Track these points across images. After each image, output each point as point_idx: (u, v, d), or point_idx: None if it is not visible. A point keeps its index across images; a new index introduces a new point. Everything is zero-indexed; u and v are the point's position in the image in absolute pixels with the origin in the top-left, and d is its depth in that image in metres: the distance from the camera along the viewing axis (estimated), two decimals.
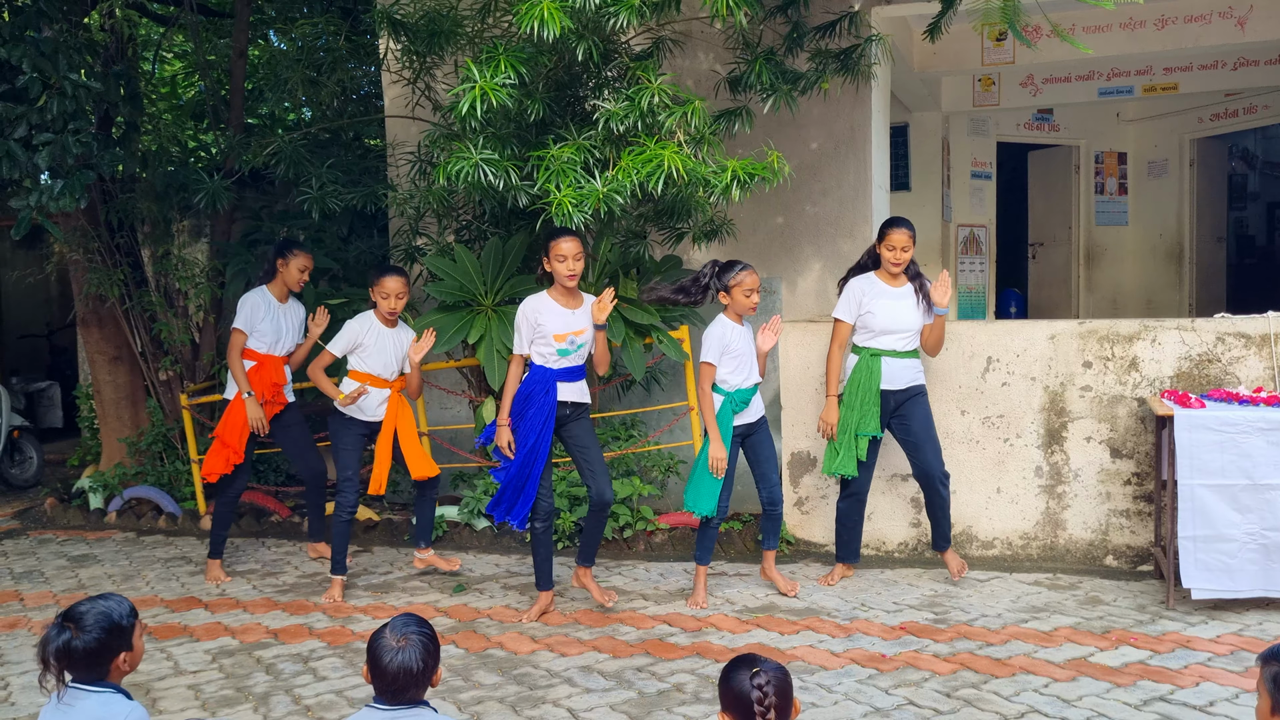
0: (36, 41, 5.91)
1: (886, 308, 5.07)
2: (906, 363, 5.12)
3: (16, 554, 6.43)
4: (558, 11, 4.66)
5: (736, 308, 4.92)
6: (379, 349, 5.35)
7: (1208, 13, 7.46)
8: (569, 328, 4.76)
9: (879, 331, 5.08)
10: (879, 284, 5.13)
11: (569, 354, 4.78)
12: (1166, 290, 10.73)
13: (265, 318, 5.69)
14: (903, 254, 5.03)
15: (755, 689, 2.26)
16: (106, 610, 2.54)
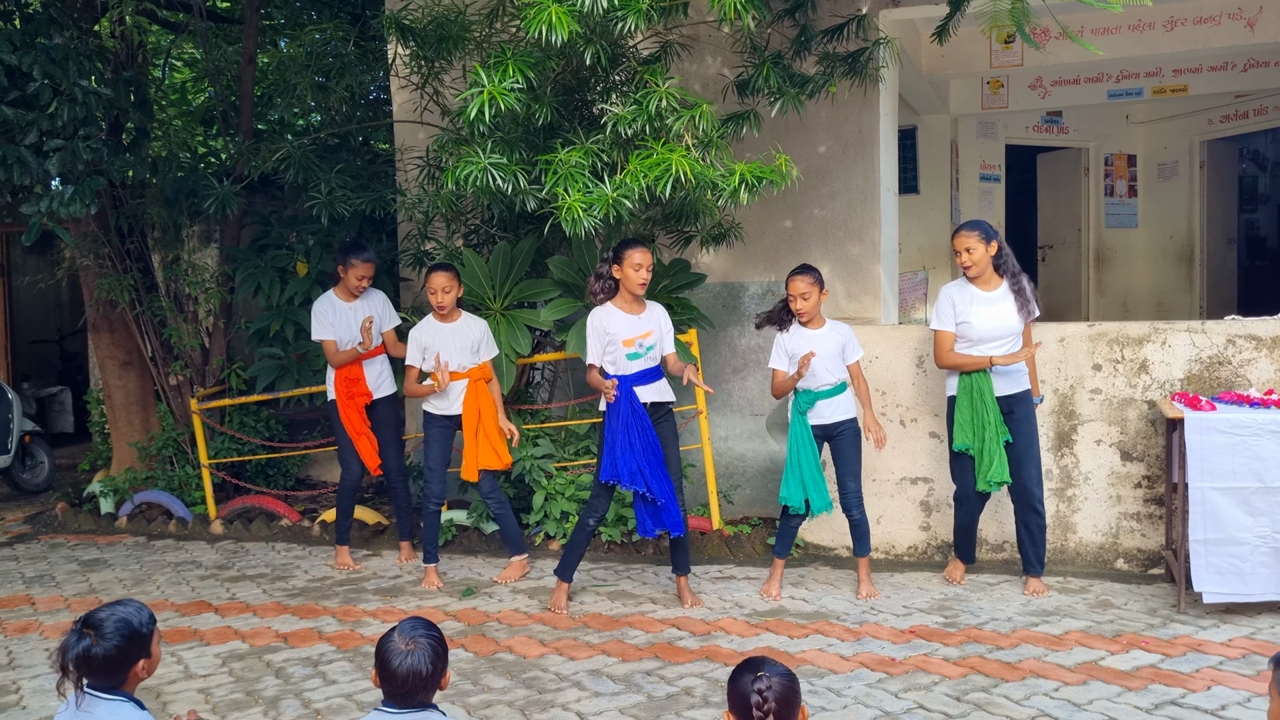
0: (47, 49, 5.94)
1: (982, 314, 4.97)
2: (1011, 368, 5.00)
3: (28, 558, 6.46)
4: (565, 16, 4.67)
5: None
6: (441, 346, 5.54)
7: (1217, 14, 7.43)
8: (636, 331, 4.96)
9: (976, 340, 4.99)
10: (972, 290, 5.04)
11: (639, 357, 4.96)
12: (1177, 293, 10.69)
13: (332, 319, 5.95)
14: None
15: (755, 693, 2.26)
16: (126, 617, 2.53)
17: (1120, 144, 10.98)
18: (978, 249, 4.95)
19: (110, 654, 2.48)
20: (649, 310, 5.07)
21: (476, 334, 5.60)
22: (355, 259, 5.89)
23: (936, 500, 5.73)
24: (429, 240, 6.59)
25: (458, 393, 5.57)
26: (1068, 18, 6.45)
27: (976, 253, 4.95)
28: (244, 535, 6.81)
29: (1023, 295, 4.98)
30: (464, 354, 5.54)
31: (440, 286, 5.49)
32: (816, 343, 5.03)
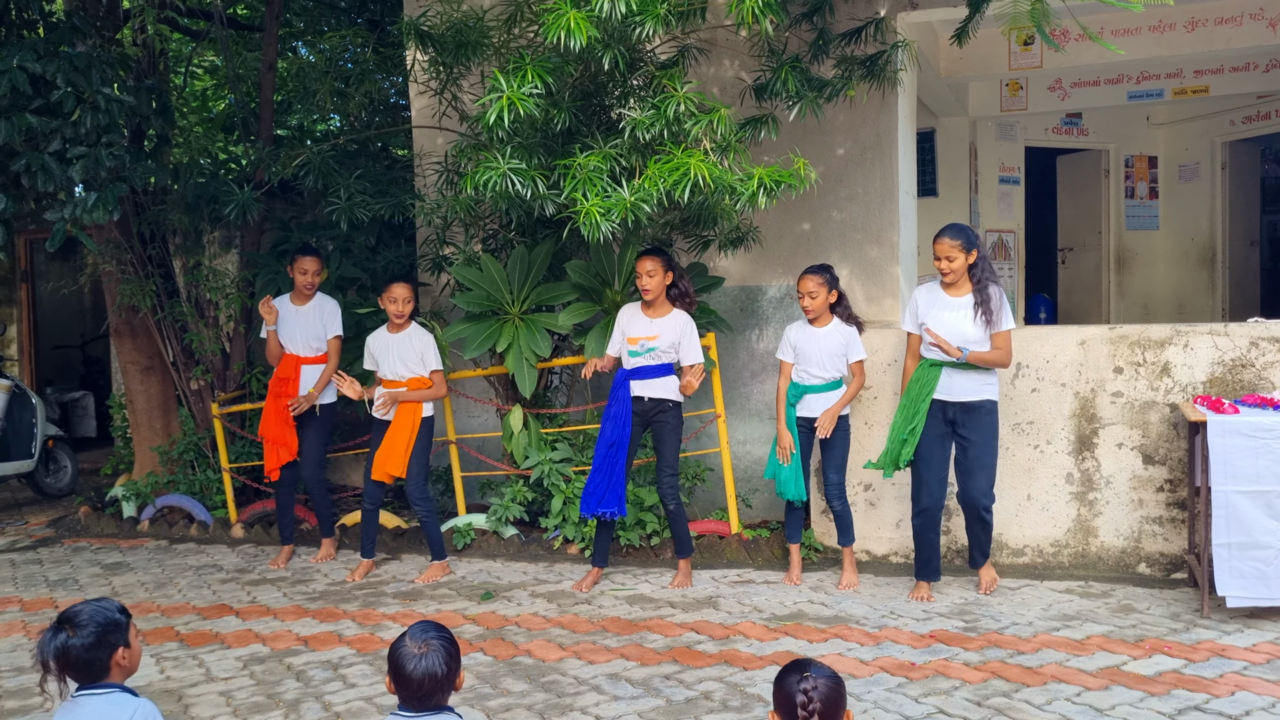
0: (70, 57, 6.00)
1: (939, 319, 5.00)
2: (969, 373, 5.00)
3: (51, 562, 6.51)
4: (584, 21, 4.68)
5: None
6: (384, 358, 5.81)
7: (1239, 14, 7.38)
8: (642, 333, 5.33)
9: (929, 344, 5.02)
10: (939, 294, 5.08)
11: (638, 355, 5.34)
12: (1199, 295, 10.61)
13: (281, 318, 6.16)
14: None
15: (800, 692, 2.27)
16: (100, 608, 2.58)
17: (1141, 145, 10.91)
18: (958, 259, 4.95)
19: (88, 643, 2.51)
20: (669, 318, 5.36)
21: (419, 348, 5.77)
22: (298, 254, 6.14)
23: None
24: (447, 245, 6.62)
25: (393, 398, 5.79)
26: (1088, 19, 6.42)
27: (956, 262, 4.96)
28: (264, 539, 6.85)
29: (985, 306, 4.92)
30: (401, 365, 5.75)
31: (401, 296, 5.73)
32: (818, 340, 5.29)
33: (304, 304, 6.14)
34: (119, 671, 2.57)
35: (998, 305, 4.94)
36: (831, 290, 5.30)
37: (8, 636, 5.03)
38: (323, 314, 6.15)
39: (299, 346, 6.12)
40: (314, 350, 6.13)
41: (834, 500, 5.37)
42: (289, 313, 6.13)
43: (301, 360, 6.11)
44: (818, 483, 5.96)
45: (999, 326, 4.93)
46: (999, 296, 4.96)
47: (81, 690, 2.54)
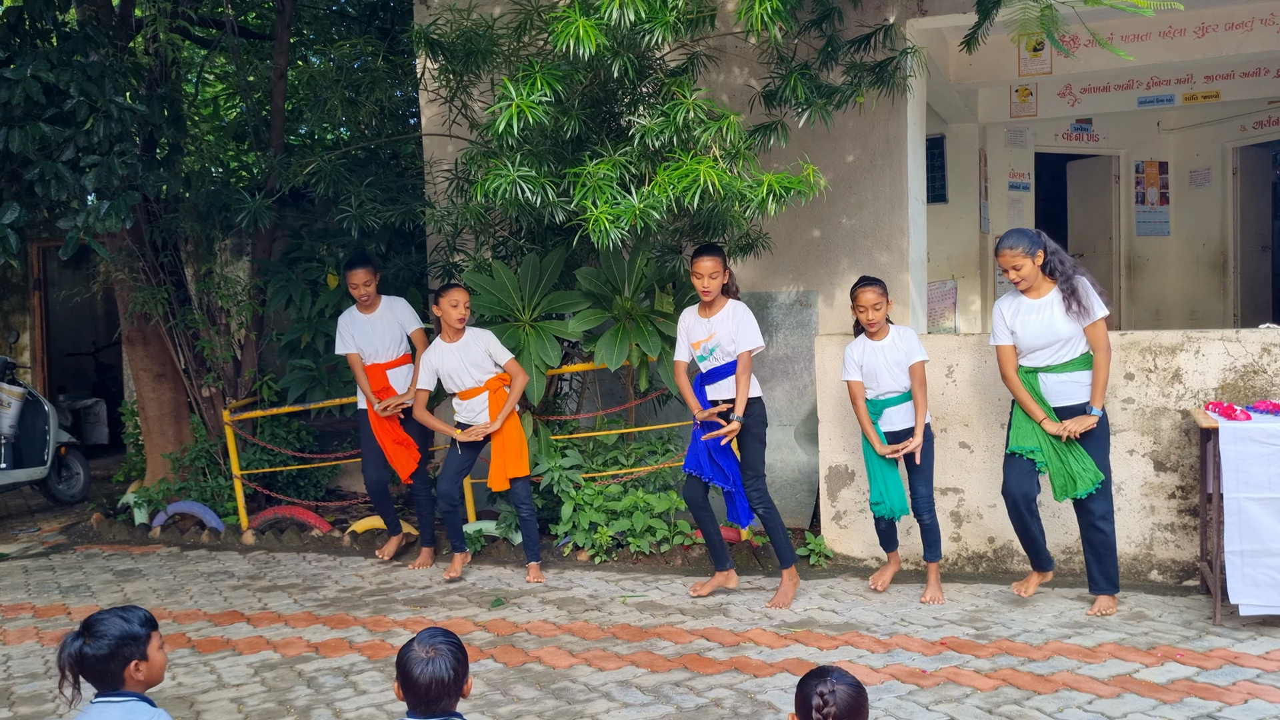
0: (84, 66, 6.04)
1: (1027, 323, 4.84)
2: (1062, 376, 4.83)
3: (64, 568, 6.54)
4: (593, 29, 4.70)
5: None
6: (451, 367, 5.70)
7: (1249, 20, 7.37)
8: (701, 336, 5.24)
9: (1023, 350, 4.89)
10: (1021, 299, 4.90)
11: (704, 359, 5.23)
12: (1210, 300, 10.57)
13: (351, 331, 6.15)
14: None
15: (817, 695, 2.30)
16: (122, 618, 2.60)
17: (1151, 151, 10.89)
18: (1024, 265, 4.77)
19: (102, 654, 2.53)
20: (721, 312, 5.22)
21: (479, 350, 5.69)
22: (346, 270, 6.11)
23: (967, 511, 5.69)
24: (458, 252, 6.64)
25: (480, 406, 5.71)
26: (1098, 24, 6.42)
27: (1024, 269, 4.78)
28: (275, 545, 6.87)
29: (1074, 297, 4.74)
30: (476, 370, 5.68)
31: (463, 300, 5.64)
32: (882, 352, 5.13)
33: (371, 311, 6.11)
34: (134, 684, 2.58)
35: (1085, 294, 4.74)
36: (889, 300, 5.15)
37: (21, 643, 5.06)
38: (394, 314, 6.14)
39: (380, 355, 6.12)
40: (396, 354, 6.16)
41: (924, 513, 5.17)
42: (360, 324, 6.11)
43: (386, 367, 6.13)
44: (827, 488, 5.95)
45: (1092, 316, 4.74)
46: (1084, 285, 4.77)
47: (99, 697, 2.56)
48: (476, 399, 5.71)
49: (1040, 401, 4.84)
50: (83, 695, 2.57)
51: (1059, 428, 4.76)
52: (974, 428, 5.64)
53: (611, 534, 6.03)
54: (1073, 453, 4.78)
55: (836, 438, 5.93)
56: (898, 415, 5.16)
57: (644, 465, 6.26)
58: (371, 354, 6.11)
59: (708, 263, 5.07)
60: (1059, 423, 4.78)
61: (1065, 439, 4.77)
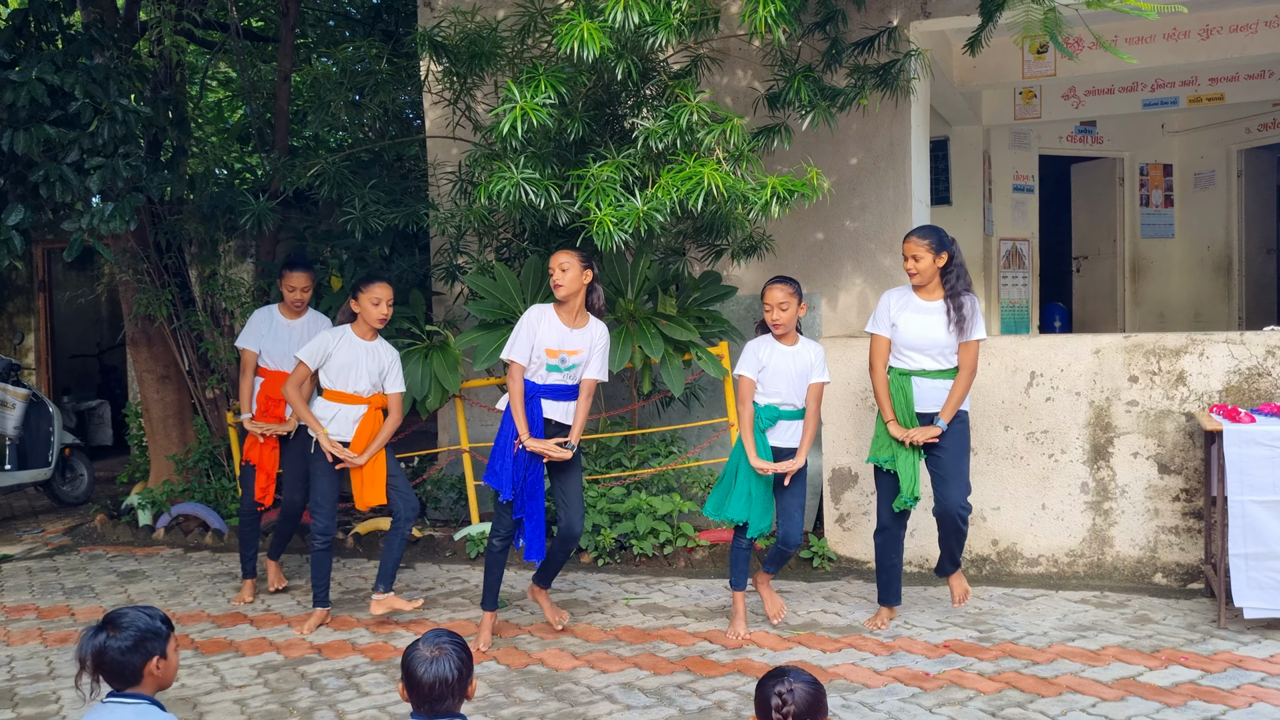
0: (88, 68, 6.06)
1: (911, 321, 4.73)
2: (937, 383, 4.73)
3: (68, 569, 6.55)
4: (597, 32, 4.70)
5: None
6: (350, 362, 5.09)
7: (1254, 22, 7.36)
8: (562, 345, 4.65)
9: (900, 347, 4.76)
10: (911, 296, 4.78)
11: (557, 370, 4.65)
12: (1215, 303, 10.56)
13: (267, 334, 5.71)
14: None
15: (775, 694, 2.30)
16: (145, 614, 2.62)
17: (1156, 153, 10.88)
18: (924, 258, 4.65)
19: (125, 647, 2.54)
20: (588, 328, 4.72)
21: (386, 361, 5.16)
22: (286, 270, 5.70)
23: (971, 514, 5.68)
24: (461, 254, 6.64)
25: (352, 421, 5.09)
26: (1101, 27, 6.41)
27: (922, 262, 4.65)
28: None
29: (959, 313, 4.64)
30: (370, 379, 5.11)
31: (385, 298, 5.07)
32: (788, 359, 4.69)
33: (296, 319, 5.74)
34: (151, 681, 2.59)
35: (970, 313, 4.66)
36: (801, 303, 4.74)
37: (24, 644, 5.06)
38: (316, 329, 5.70)
39: (288, 364, 5.55)
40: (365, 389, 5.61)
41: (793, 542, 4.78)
42: (278, 327, 5.70)
43: (283, 376, 5.56)
44: (831, 491, 5.95)
45: (969, 335, 4.65)
46: (973, 304, 4.68)
47: (112, 696, 2.56)
48: (353, 408, 5.08)
49: (906, 404, 4.70)
50: (100, 689, 2.58)
51: (904, 433, 4.67)
52: (977, 430, 5.63)
53: (614, 536, 6.03)
54: (916, 463, 4.69)
55: (840, 440, 5.93)
56: (789, 433, 4.74)
57: (647, 467, 6.26)
58: (279, 361, 5.65)
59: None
60: (905, 429, 4.69)
61: (911, 445, 4.66)
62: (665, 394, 6.45)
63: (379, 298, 5.04)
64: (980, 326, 4.69)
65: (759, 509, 4.71)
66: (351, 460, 5.03)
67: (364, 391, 5.11)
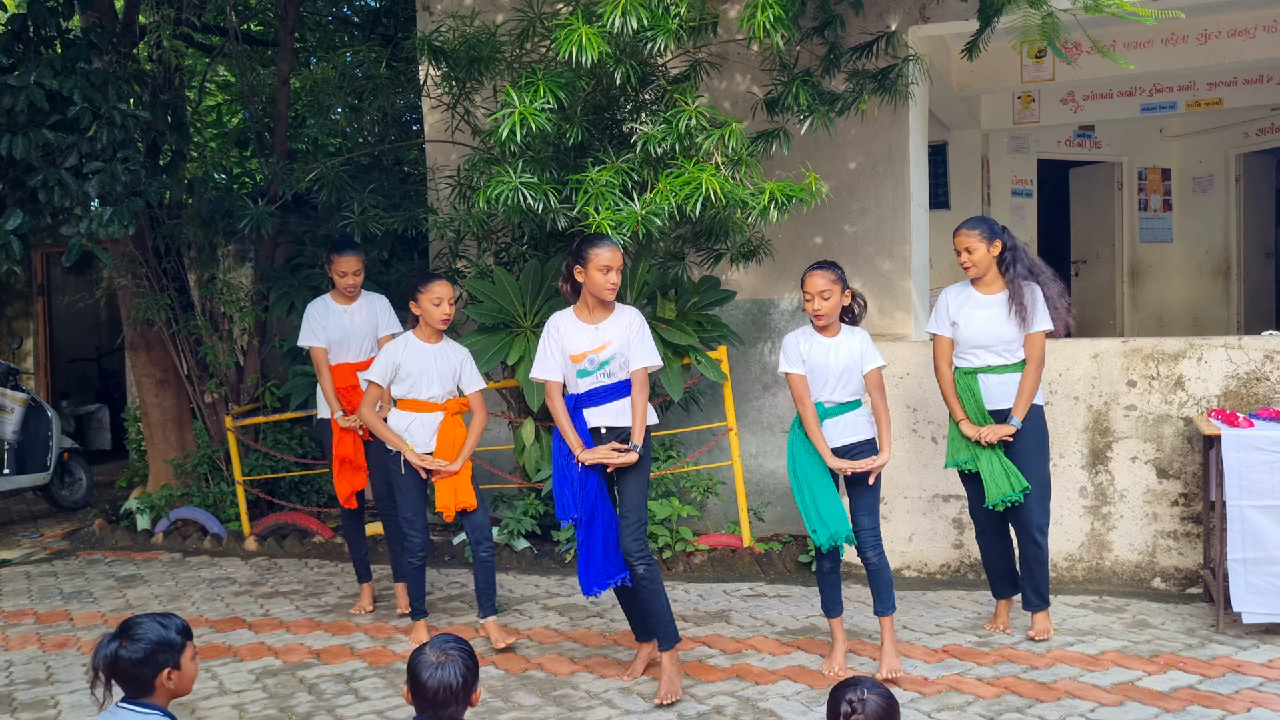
0: (87, 73, 6.06)
1: (971, 317, 4.64)
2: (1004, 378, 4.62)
3: (66, 574, 6.54)
4: (596, 37, 4.71)
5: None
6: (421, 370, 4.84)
7: (1252, 27, 7.37)
8: (589, 345, 4.23)
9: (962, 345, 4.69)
10: (970, 292, 4.68)
11: (589, 374, 4.22)
12: (1213, 307, 10.57)
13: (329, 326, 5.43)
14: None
15: (846, 702, 2.33)
16: (160, 624, 2.61)
17: (1154, 158, 10.89)
18: (978, 249, 4.58)
19: (137, 658, 2.54)
20: (614, 317, 4.28)
21: (457, 361, 4.95)
22: (334, 254, 5.42)
23: (969, 518, 5.67)
24: (460, 258, 6.64)
25: (430, 429, 4.86)
26: (1099, 31, 6.42)
27: (977, 253, 4.58)
28: (277, 551, 6.87)
29: (1019, 303, 4.54)
30: (443, 383, 4.88)
31: (447, 297, 4.83)
32: (831, 350, 4.34)
33: (350, 303, 5.48)
34: (163, 692, 2.59)
35: (1032, 302, 4.54)
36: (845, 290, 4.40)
37: (23, 648, 5.06)
38: (373, 310, 5.51)
39: (352, 352, 5.42)
40: (369, 353, 5.44)
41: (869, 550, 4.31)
42: (335, 315, 5.43)
43: (357, 367, 5.40)
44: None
45: (1033, 326, 4.54)
46: (1034, 293, 4.57)
47: (123, 703, 2.56)
48: (429, 416, 4.86)
49: (976, 404, 4.64)
50: (113, 697, 2.58)
51: (976, 432, 4.59)
52: None
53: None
54: (1001, 457, 4.59)
55: None
56: (839, 428, 4.36)
57: None
58: (343, 351, 5.43)
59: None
60: (978, 426, 4.61)
61: (987, 444, 4.58)
62: (664, 398, 6.45)
63: (440, 296, 4.79)
64: (1044, 316, 4.59)
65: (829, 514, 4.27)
66: (445, 469, 4.78)
67: (438, 397, 4.85)
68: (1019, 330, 4.59)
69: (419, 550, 4.89)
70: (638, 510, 4.17)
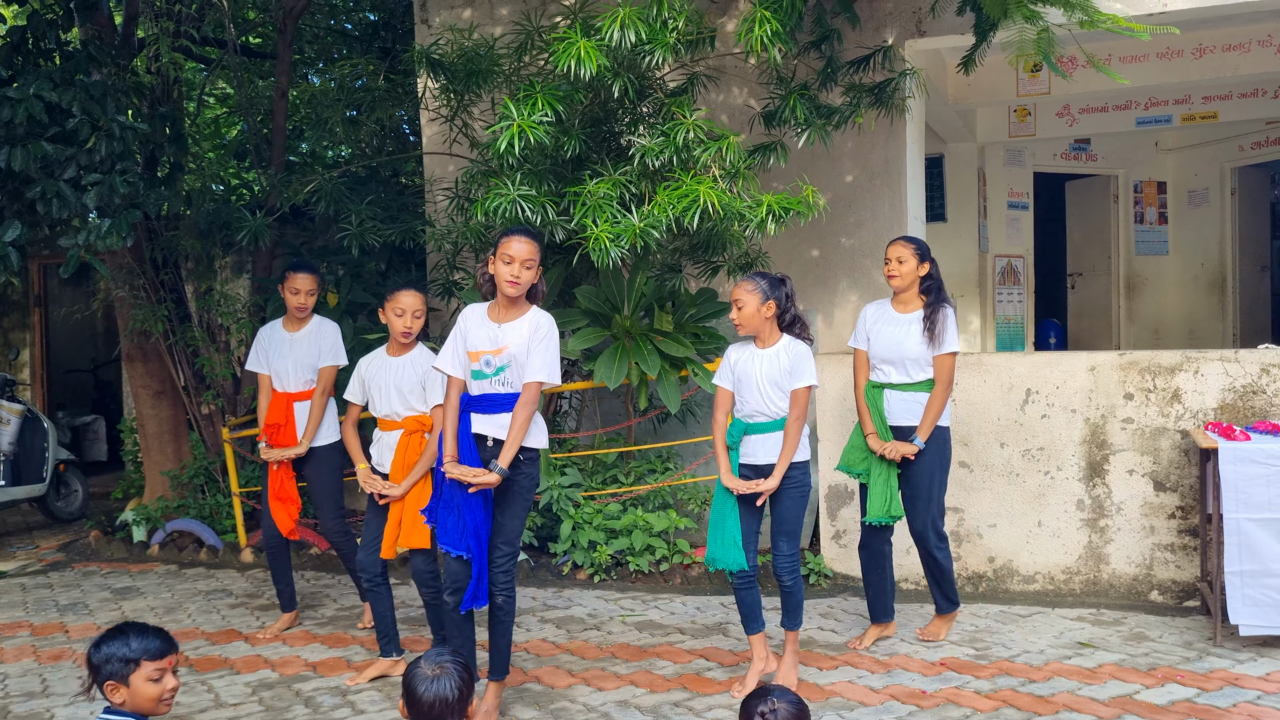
0: (86, 85, 6.07)
1: (884, 334, 4.70)
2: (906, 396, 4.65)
3: (62, 586, 6.52)
4: (594, 50, 4.73)
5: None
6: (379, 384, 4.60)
7: (1246, 41, 7.41)
8: (486, 345, 3.94)
9: (874, 360, 4.74)
10: (887, 308, 4.76)
11: (484, 377, 3.93)
12: (1209, 320, 10.59)
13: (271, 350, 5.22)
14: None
15: (758, 714, 2.33)
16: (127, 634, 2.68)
17: (1150, 171, 10.93)
18: (909, 262, 4.63)
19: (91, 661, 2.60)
20: (522, 320, 3.97)
21: (420, 374, 4.53)
22: (288, 271, 5.14)
23: (967, 530, 5.69)
24: (457, 270, 6.65)
25: (389, 448, 4.55)
26: (1094, 46, 6.45)
27: (907, 265, 4.63)
28: None
29: (931, 324, 4.58)
30: (404, 398, 4.53)
31: (410, 309, 4.55)
32: (758, 361, 4.22)
33: (298, 330, 5.21)
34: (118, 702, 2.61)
35: (943, 325, 4.59)
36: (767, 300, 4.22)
37: (18, 661, 5.04)
38: (320, 339, 5.19)
39: (291, 381, 5.16)
40: (308, 384, 5.18)
41: (784, 574, 4.31)
42: (279, 341, 5.20)
43: (293, 398, 5.16)
44: (827, 507, 5.94)
45: (941, 348, 4.58)
46: (946, 316, 4.62)
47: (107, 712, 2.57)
48: (389, 435, 4.55)
49: (880, 417, 4.67)
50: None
51: (881, 446, 4.60)
52: (973, 446, 5.64)
53: (610, 553, 6.02)
54: (892, 479, 4.62)
55: (836, 456, 5.92)
56: (762, 446, 4.22)
57: (643, 484, 6.25)
58: (282, 379, 5.17)
59: (526, 246, 3.92)
60: (884, 442, 4.62)
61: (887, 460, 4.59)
62: (661, 410, 6.45)
63: (403, 308, 4.52)
64: (952, 339, 4.63)
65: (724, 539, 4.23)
66: (386, 491, 4.46)
67: (396, 414, 4.51)
68: (927, 350, 4.61)
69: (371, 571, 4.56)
70: (511, 543, 3.96)
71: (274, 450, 5.14)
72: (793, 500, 4.24)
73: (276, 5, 7.93)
